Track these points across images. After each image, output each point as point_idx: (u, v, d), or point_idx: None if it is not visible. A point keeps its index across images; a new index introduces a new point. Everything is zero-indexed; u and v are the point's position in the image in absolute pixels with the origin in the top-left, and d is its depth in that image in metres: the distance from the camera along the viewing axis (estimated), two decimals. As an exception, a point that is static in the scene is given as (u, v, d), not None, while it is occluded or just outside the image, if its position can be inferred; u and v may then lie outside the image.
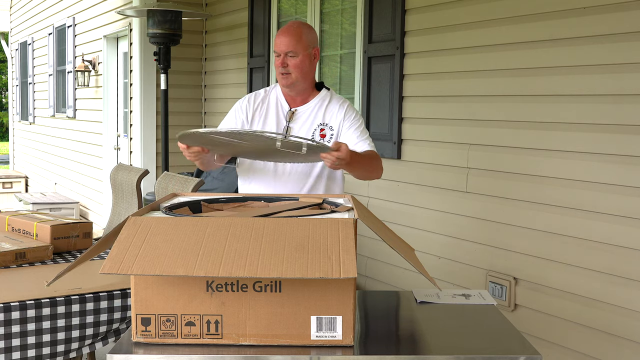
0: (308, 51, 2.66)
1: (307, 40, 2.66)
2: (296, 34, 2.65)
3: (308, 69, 2.68)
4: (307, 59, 2.66)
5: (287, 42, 2.64)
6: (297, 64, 2.64)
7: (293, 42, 2.64)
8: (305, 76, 2.69)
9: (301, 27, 2.70)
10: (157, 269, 1.45)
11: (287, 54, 2.64)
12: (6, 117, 22.92)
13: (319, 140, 2.63)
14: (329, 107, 2.73)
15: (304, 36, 2.66)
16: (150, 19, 5.21)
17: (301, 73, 2.66)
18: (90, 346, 2.28)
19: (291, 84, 2.68)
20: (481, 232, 3.44)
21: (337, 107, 2.72)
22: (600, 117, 2.86)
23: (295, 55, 2.64)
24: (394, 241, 1.73)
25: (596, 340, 2.88)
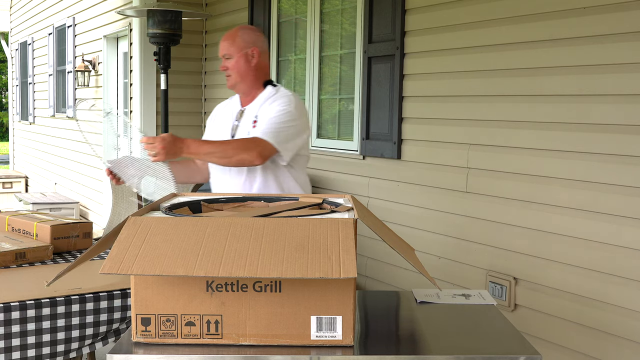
0: (243, 52, 2.78)
1: (242, 42, 2.79)
2: (231, 37, 2.81)
3: (245, 69, 2.79)
4: (242, 59, 2.78)
5: (222, 46, 2.82)
6: (233, 66, 2.79)
7: (227, 45, 2.80)
8: (244, 76, 2.80)
9: (238, 30, 2.83)
10: (157, 269, 1.45)
11: (224, 57, 2.80)
12: (6, 117, 22.93)
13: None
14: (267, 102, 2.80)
15: (238, 38, 2.79)
16: (150, 19, 5.21)
17: (238, 74, 2.79)
18: (90, 346, 2.28)
19: (232, 85, 2.83)
20: (481, 232, 3.44)
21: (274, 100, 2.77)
22: (600, 117, 2.86)
23: (231, 58, 2.79)
24: (394, 241, 1.73)
25: (596, 340, 2.88)
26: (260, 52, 2.81)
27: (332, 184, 4.60)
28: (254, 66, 2.80)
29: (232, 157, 2.59)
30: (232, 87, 2.84)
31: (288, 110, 2.71)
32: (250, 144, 2.60)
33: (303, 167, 2.86)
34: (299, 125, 2.73)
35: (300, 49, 5.02)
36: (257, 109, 2.79)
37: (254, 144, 2.60)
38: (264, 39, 2.88)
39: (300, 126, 2.74)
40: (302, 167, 2.84)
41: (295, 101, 2.77)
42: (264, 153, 2.60)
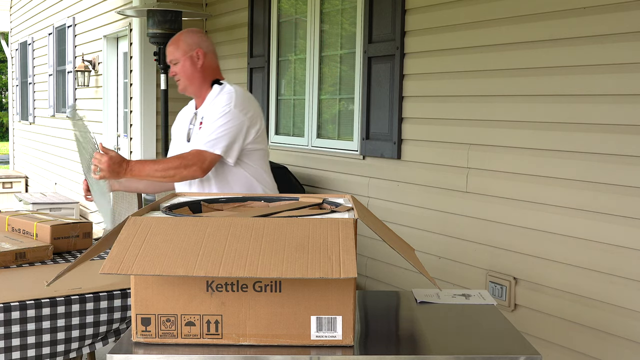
0: (188, 55, 2.81)
1: (185, 46, 2.82)
2: (174, 42, 2.85)
3: (191, 72, 2.82)
4: (187, 62, 2.81)
5: (168, 52, 2.86)
6: (180, 70, 2.83)
7: (171, 50, 2.85)
8: (192, 79, 2.83)
9: (181, 34, 2.86)
10: (157, 269, 1.45)
11: (171, 62, 2.84)
12: (6, 117, 22.93)
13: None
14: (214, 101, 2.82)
15: (181, 43, 2.83)
16: (150, 19, 5.21)
17: (186, 77, 2.83)
18: (90, 346, 2.28)
19: (183, 89, 2.87)
20: (481, 232, 3.44)
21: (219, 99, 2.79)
22: (600, 117, 2.86)
23: (177, 62, 2.83)
24: (394, 241, 1.73)
25: (596, 340, 2.88)
26: (205, 52, 2.83)
27: (332, 184, 4.60)
28: (200, 68, 2.83)
29: (174, 175, 2.64)
30: (183, 91, 2.89)
31: (227, 111, 2.71)
32: (190, 159, 2.64)
33: (259, 162, 2.84)
34: (241, 123, 2.71)
35: (300, 49, 5.02)
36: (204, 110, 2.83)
37: (193, 158, 2.64)
38: (207, 39, 2.91)
39: (243, 123, 2.72)
40: (258, 163, 2.82)
41: (236, 98, 2.74)
42: (205, 165, 2.65)
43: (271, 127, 5.32)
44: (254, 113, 2.78)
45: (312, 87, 4.83)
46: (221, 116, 2.69)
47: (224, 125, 2.68)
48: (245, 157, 2.78)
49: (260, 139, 2.81)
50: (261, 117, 2.84)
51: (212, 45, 2.91)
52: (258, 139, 2.80)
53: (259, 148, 2.81)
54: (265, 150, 2.89)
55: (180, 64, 2.82)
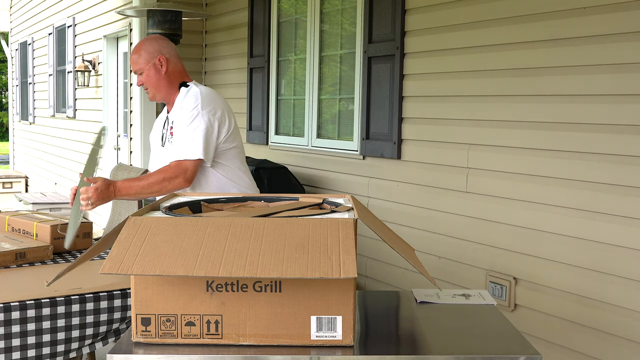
0: (151, 63, 2.82)
1: (146, 55, 2.83)
2: (135, 52, 2.86)
3: (156, 79, 2.84)
4: (152, 71, 2.83)
5: (131, 63, 2.87)
6: (146, 80, 2.85)
7: (134, 61, 2.86)
8: (158, 86, 2.85)
9: (141, 44, 2.87)
10: (157, 269, 1.45)
11: (136, 73, 2.85)
12: (6, 117, 22.93)
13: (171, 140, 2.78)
14: (181, 104, 2.84)
15: (142, 52, 2.84)
16: (150, 19, 5.21)
17: (153, 86, 2.85)
18: (90, 346, 2.28)
19: (152, 97, 2.90)
20: (481, 232, 3.44)
21: (184, 102, 2.82)
22: (600, 117, 2.86)
23: (142, 72, 2.84)
24: (394, 241, 1.73)
25: (596, 340, 2.88)
26: (168, 58, 2.85)
27: (332, 184, 4.60)
28: (165, 74, 2.85)
29: (160, 190, 2.67)
30: (153, 99, 2.92)
31: (195, 114, 2.74)
32: (172, 172, 2.67)
33: (234, 161, 2.84)
34: (211, 124, 2.73)
35: (300, 49, 5.02)
36: (173, 113, 2.86)
37: (175, 170, 2.67)
38: (168, 44, 2.90)
39: (212, 123, 2.74)
40: (232, 162, 2.84)
41: (202, 99, 2.77)
42: (188, 175, 2.68)
43: (271, 127, 5.32)
44: (222, 112, 2.79)
45: (312, 87, 4.83)
46: (191, 121, 2.73)
47: (196, 129, 2.71)
48: (219, 157, 2.80)
49: (232, 137, 2.83)
50: (230, 114, 2.85)
51: (174, 49, 2.92)
52: (230, 138, 2.81)
53: (231, 147, 2.83)
54: (239, 148, 2.90)
55: (145, 73, 2.84)
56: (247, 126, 5.63)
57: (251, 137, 5.58)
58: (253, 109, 5.55)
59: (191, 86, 2.86)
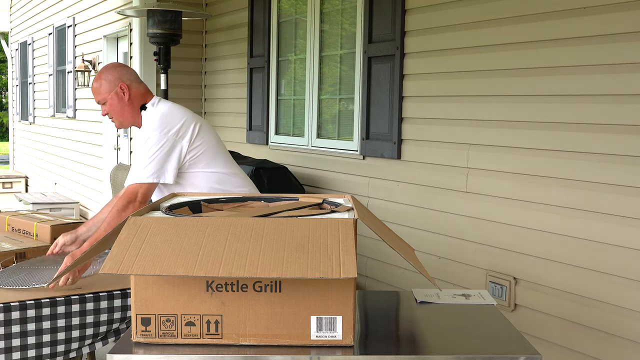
0: (112, 92, 2.82)
1: (107, 84, 2.82)
2: (96, 82, 2.84)
3: (119, 107, 2.84)
4: (114, 100, 2.82)
5: (94, 94, 2.87)
6: (110, 109, 2.85)
7: (96, 93, 2.85)
8: (123, 114, 2.86)
9: (101, 73, 2.85)
10: (157, 269, 1.45)
11: (100, 103, 2.86)
12: (6, 117, 22.93)
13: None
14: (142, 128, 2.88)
15: (103, 82, 2.83)
16: (150, 19, 5.21)
17: (118, 114, 2.86)
18: (90, 346, 2.28)
19: (120, 126, 2.93)
20: (481, 232, 3.44)
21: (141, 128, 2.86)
22: (600, 117, 2.86)
23: (105, 102, 2.84)
24: (394, 241, 1.73)
25: (596, 340, 2.88)
26: (129, 84, 2.84)
27: (332, 184, 4.60)
28: (128, 101, 2.84)
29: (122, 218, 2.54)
30: (120, 127, 2.94)
31: (148, 137, 2.73)
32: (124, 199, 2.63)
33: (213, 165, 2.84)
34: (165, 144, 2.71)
35: (300, 49, 5.02)
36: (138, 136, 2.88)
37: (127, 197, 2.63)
38: (126, 69, 2.90)
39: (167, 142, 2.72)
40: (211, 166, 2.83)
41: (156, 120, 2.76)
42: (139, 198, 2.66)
43: (271, 127, 5.32)
44: (180, 126, 2.76)
45: (312, 87, 4.83)
46: (144, 144, 2.73)
47: (148, 152, 2.70)
48: (193, 167, 2.79)
49: (198, 142, 2.80)
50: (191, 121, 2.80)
51: (134, 73, 2.92)
52: (196, 145, 2.79)
53: (201, 151, 2.80)
54: (214, 149, 2.86)
55: (108, 102, 2.84)
56: (247, 126, 5.63)
57: (251, 137, 5.58)
58: (253, 109, 5.55)
59: (148, 108, 2.86)
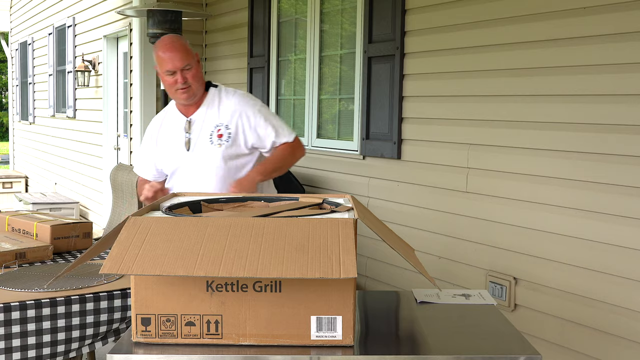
0: (197, 58, 2.74)
1: (190, 49, 2.73)
2: (183, 47, 2.70)
3: (200, 75, 2.75)
4: (198, 67, 2.74)
5: (181, 56, 2.67)
6: (194, 75, 2.70)
7: (185, 55, 2.69)
8: (201, 84, 2.76)
9: (181, 39, 2.77)
10: (157, 269, 1.45)
11: (183, 68, 2.67)
12: (6, 117, 22.93)
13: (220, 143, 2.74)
14: (221, 106, 2.77)
15: (187, 47, 2.73)
16: (150, 19, 5.21)
17: (199, 82, 2.74)
18: (90, 346, 2.28)
19: (192, 96, 2.73)
20: (481, 232, 3.45)
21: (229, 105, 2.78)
22: (600, 117, 2.86)
23: (191, 67, 2.69)
24: (394, 241, 1.73)
25: (596, 340, 2.88)
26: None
27: (332, 184, 4.60)
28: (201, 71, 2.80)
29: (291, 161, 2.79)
30: (192, 98, 2.74)
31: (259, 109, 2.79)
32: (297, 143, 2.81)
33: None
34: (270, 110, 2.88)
35: (300, 49, 5.02)
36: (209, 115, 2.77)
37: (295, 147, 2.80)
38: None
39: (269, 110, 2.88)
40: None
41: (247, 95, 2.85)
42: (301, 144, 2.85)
43: (271, 127, 5.32)
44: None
45: (312, 87, 4.83)
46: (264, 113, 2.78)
47: (275, 117, 2.82)
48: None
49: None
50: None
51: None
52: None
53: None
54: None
55: (194, 69, 2.70)
56: (247, 126, 5.62)
57: (251, 137, 5.57)
58: (253, 109, 5.54)
59: (221, 86, 2.85)
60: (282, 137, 2.78)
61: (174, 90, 2.71)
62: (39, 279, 2.41)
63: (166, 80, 2.71)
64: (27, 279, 2.41)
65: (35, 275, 2.47)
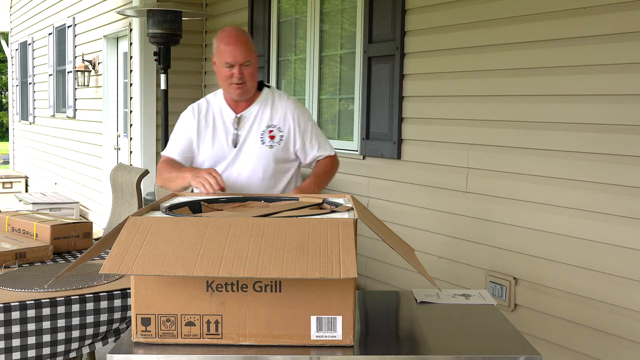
0: (256, 56, 2.67)
1: (253, 46, 2.67)
2: (247, 42, 2.62)
3: (256, 74, 2.69)
4: (257, 65, 2.68)
5: (243, 51, 2.59)
6: (251, 73, 2.63)
7: (247, 51, 2.61)
8: (256, 82, 2.70)
9: (246, 34, 2.69)
10: (157, 269, 1.45)
11: (242, 64, 2.59)
12: (6, 117, 22.93)
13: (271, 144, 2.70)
14: (274, 108, 2.72)
15: (250, 44, 2.65)
16: (150, 19, 5.21)
17: (254, 80, 2.67)
18: (90, 346, 2.28)
19: (246, 93, 2.65)
20: (481, 232, 3.44)
21: (283, 108, 2.73)
22: (600, 117, 2.86)
23: (250, 64, 2.62)
24: (394, 241, 1.73)
25: (596, 340, 2.88)
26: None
27: (332, 184, 4.60)
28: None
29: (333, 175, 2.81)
30: (245, 95, 2.66)
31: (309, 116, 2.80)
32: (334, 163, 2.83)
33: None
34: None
35: (300, 49, 5.02)
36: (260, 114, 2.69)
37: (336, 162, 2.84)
38: None
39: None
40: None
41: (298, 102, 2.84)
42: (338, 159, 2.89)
43: (271, 127, 5.32)
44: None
45: (312, 87, 4.83)
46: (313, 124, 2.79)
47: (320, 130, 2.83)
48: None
49: None
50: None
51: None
52: None
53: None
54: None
55: (253, 66, 2.63)
56: (247, 126, 5.63)
57: (251, 137, 5.57)
58: (253, 109, 5.55)
59: (273, 87, 2.83)
60: (325, 151, 2.78)
61: (228, 83, 2.63)
62: (39, 279, 2.41)
63: (222, 72, 2.63)
64: (27, 279, 2.41)
65: (35, 275, 2.47)
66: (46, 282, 2.34)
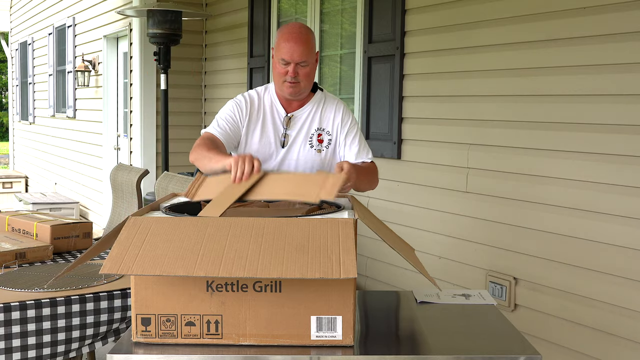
0: (316, 58, 2.54)
1: (314, 47, 2.53)
2: (307, 42, 2.49)
3: (313, 75, 2.56)
4: (315, 66, 2.54)
5: (301, 51, 2.46)
6: (307, 73, 2.50)
7: (307, 51, 2.48)
8: (311, 83, 2.58)
9: (309, 33, 2.54)
10: (157, 269, 1.45)
11: (299, 63, 2.47)
12: (6, 117, 22.93)
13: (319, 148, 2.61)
14: (324, 111, 2.62)
15: (312, 43, 2.51)
16: (150, 19, 5.21)
17: (310, 82, 2.55)
18: (90, 346, 2.28)
19: (298, 93, 2.54)
20: (481, 232, 3.44)
21: (332, 110, 2.62)
22: (600, 117, 2.86)
23: (307, 65, 2.49)
24: (394, 241, 1.73)
25: (596, 340, 2.88)
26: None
27: (332, 184, 4.60)
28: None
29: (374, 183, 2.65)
30: (297, 95, 2.56)
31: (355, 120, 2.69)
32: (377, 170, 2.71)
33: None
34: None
35: (300, 49, 5.01)
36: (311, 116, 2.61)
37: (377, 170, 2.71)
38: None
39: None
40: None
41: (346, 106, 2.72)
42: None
43: (271, 127, 5.32)
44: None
45: (312, 87, 4.83)
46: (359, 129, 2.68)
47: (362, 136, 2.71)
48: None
49: None
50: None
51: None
52: None
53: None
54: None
55: (310, 67, 2.51)
56: (247, 126, 5.63)
57: (251, 137, 5.57)
58: (253, 109, 5.55)
59: (325, 91, 2.69)
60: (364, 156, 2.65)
61: (282, 80, 2.53)
62: (39, 279, 2.41)
63: (277, 68, 2.53)
64: (27, 279, 2.42)
65: (35, 275, 2.47)
66: (46, 282, 2.35)
